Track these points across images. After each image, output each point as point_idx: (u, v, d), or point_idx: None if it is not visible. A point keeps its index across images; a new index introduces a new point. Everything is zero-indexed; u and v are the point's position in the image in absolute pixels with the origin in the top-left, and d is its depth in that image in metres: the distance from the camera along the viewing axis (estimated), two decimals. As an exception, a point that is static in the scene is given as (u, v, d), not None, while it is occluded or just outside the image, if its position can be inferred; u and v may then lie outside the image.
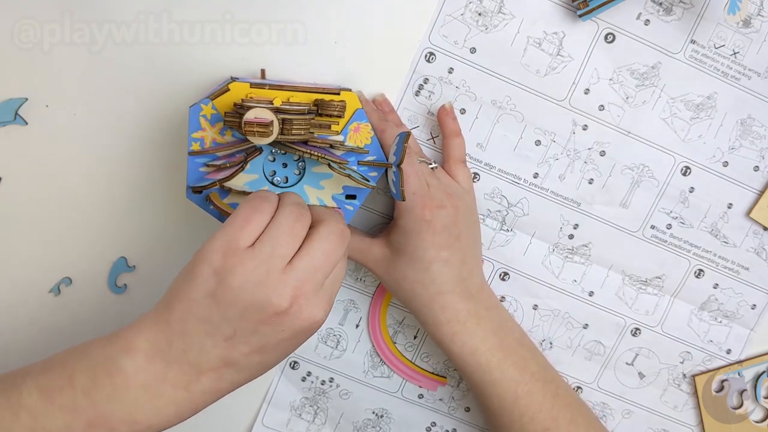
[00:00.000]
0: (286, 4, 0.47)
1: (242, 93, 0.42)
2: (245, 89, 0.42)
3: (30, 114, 0.48)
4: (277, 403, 0.55)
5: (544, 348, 0.55)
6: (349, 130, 0.45)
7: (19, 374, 0.39)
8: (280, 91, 0.43)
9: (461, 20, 0.48)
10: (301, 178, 0.46)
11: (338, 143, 0.44)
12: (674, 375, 0.56)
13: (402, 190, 0.43)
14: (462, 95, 0.49)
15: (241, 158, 0.43)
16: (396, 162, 0.43)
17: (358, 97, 0.44)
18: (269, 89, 0.43)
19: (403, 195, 0.43)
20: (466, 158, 0.50)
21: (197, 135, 0.43)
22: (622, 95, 0.50)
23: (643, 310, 0.54)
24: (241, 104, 0.41)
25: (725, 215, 0.53)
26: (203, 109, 0.43)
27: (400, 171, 0.43)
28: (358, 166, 0.45)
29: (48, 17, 0.46)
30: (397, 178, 0.43)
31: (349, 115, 0.44)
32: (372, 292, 0.53)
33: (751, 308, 0.55)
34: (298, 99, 0.43)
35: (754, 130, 0.51)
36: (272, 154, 0.45)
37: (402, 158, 0.43)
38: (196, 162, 0.44)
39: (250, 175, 0.45)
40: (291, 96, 0.43)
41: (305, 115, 0.42)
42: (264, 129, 0.40)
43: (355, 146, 0.45)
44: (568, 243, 0.53)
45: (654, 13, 0.48)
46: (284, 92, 0.43)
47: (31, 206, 0.50)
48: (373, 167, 0.46)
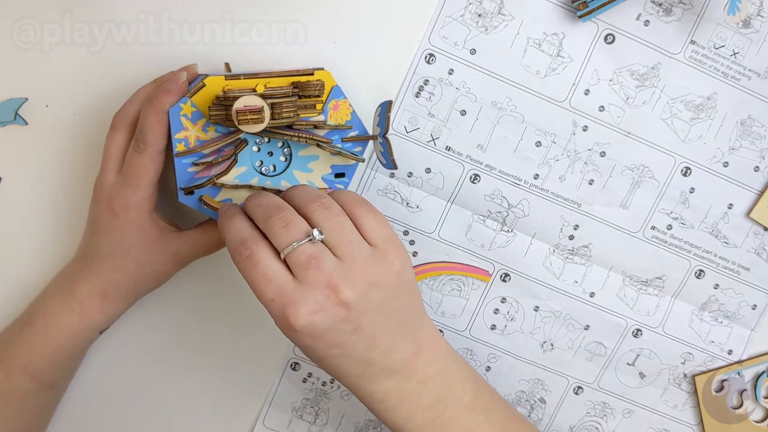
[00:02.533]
0: (286, 4, 0.47)
1: (219, 86, 0.42)
2: (221, 82, 0.42)
3: (30, 114, 0.48)
4: (278, 404, 0.55)
5: (546, 350, 0.55)
6: (329, 109, 0.45)
7: None
8: (255, 80, 0.43)
9: (461, 21, 0.48)
10: (289, 165, 0.46)
11: (320, 123, 0.44)
12: (675, 375, 0.56)
13: (392, 159, 0.43)
14: (462, 96, 0.49)
15: (231, 151, 0.43)
16: (381, 133, 0.43)
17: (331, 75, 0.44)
18: (245, 79, 0.43)
19: (394, 163, 0.43)
20: (467, 160, 0.50)
21: (180, 135, 0.43)
22: (622, 96, 0.50)
23: (644, 311, 0.54)
24: (224, 96, 0.41)
25: (726, 216, 0.53)
26: (183, 108, 0.42)
27: (387, 141, 0.43)
28: (342, 143, 0.45)
29: (48, 17, 0.46)
30: (385, 149, 0.43)
31: (326, 93, 0.44)
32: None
33: (751, 308, 0.55)
34: (276, 84, 0.43)
35: (754, 131, 0.51)
36: (256, 144, 0.45)
37: (387, 128, 0.42)
38: (184, 163, 0.44)
39: (239, 168, 0.45)
40: (267, 82, 0.43)
41: (290, 98, 0.42)
42: (257, 115, 0.40)
43: (337, 124, 0.45)
44: (569, 244, 0.53)
45: (654, 13, 0.48)
46: (260, 79, 0.43)
47: (31, 206, 0.50)
48: (358, 142, 0.46)
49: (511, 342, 0.55)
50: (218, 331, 0.53)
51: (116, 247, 0.45)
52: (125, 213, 0.44)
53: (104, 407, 0.53)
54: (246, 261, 0.36)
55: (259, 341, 0.53)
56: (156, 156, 0.43)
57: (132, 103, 0.45)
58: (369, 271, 0.37)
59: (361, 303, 0.37)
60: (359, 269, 0.37)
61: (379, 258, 0.38)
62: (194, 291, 0.52)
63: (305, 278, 0.36)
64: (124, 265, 0.45)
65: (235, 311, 0.53)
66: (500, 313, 0.54)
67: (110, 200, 0.44)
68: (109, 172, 0.45)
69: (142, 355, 0.53)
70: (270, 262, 0.36)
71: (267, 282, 0.36)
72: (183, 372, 0.54)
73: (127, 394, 0.54)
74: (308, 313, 0.35)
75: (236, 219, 0.39)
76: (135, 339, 0.52)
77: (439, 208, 0.51)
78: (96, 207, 0.45)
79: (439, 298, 0.53)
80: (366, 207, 0.39)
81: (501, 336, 0.54)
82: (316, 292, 0.36)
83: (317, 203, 0.38)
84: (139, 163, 0.43)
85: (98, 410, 0.53)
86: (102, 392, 0.53)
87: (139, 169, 0.43)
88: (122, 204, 0.44)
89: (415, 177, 0.51)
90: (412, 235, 0.52)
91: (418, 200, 0.51)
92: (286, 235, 0.36)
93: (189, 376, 0.54)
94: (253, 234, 0.37)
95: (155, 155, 0.43)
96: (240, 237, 0.37)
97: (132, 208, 0.44)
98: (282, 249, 0.36)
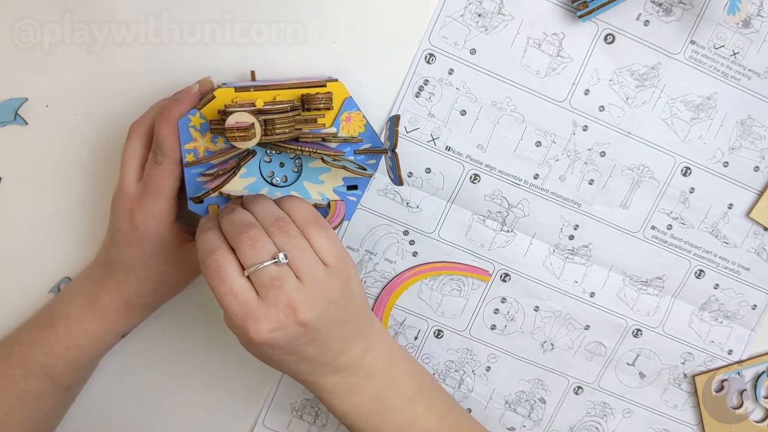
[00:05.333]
0: (286, 4, 0.47)
1: (227, 98, 0.43)
2: (230, 94, 0.43)
3: (30, 114, 0.48)
4: (278, 405, 0.55)
5: (546, 350, 0.55)
6: (341, 121, 0.45)
7: None
8: (265, 92, 0.43)
9: (461, 21, 0.48)
10: (300, 176, 0.46)
11: (331, 135, 0.44)
12: (675, 375, 0.56)
13: (399, 175, 0.43)
14: (462, 96, 0.49)
15: (234, 164, 0.43)
16: (390, 147, 0.43)
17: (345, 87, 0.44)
18: (254, 91, 0.43)
19: (401, 179, 0.43)
20: (467, 160, 0.50)
21: (190, 146, 0.43)
22: (622, 96, 0.50)
23: (644, 311, 0.54)
24: (224, 110, 0.41)
25: (726, 216, 0.53)
26: (191, 119, 0.43)
27: (395, 156, 0.43)
28: (354, 156, 0.45)
29: (48, 17, 0.46)
30: (393, 163, 0.43)
31: (338, 105, 0.44)
32: (375, 294, 0.53)
33: (751, 308, 0.55)
34: (284, 96, 0.43)
35: (754, 131, 0.51)
36: (268, 155, 0.45)
37: (395, 142, 0.42)
38: (192, 173, 0.44)
39: (248, 178, 0.45)
40: (277, 95, 0.43)
41: (287, 113, 0.41)
42: (244, 133, 0.39)
43: (349, 136, 0.45)
44: (569, 244, 0.53)
45: (654, 13, 0.48)
46: (270, 92, 0.43)
47: (31, 206, 0.50)
48: (371, 155, 0.46)
49: (511, 342, 0.55)
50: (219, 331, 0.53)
51: (138, 260, 0.46)
52: (146, 225, 0.44)
53: (105, 406, 0.53)
54: (213, 273, 0.38)
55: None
56: (174, 166, 0.43)
57: (148, 113, 0.46)
58: (326, 290, 0.40)
59: (318, 321, 0.39)
60: (318, 290, 0.39)
61: (333, 277, 0.40)
62: (196, 292, 0.52)
63: (268, 298, 0.38)
64: (146, 276, 0.46)
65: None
66: (500, 313, 0.54)
67: (131, 212, 0.44)
68: (128, 182, 0.45)
69: (144, 356, 0.53)
70: (235, 278, 0.38)
71: (232, 296, 0.38)
72: (183, 372, 0.54)
73: (128, 394, 0.54)
74: (268, 330, 0.38)
75: (210, 232, 0.40)
76: (136, 340, 0.52)
77: (439, 208, 0.51)
78: (117, 217, 0.46)
79: (439, 298, 0.53)
80: (317, 226, 0.41)
81: (501, 336, 0.54)
82: (278, 311, 0.38)
83: (276, 226, 0.40)
84: (159, 174, 0.43)
85: (99, 409, 0.53)
86: (103, 392, 0.53)
87: (159, 180, 0.43)
88: (143, 216, 0.44)
89: (415, 177, 0.51)
90: (412, 235, 0.52)
91: (418, 200, 0.51)
92: (252, 255, 0.38)
93: (189, 375, 0.54)
94: (222, 247, 0.39)
95: (173, 165, 0.43)
96: (210, 248, 0.39)
97: (153, 220, 0.44)
98: (247, 267, 0.38)
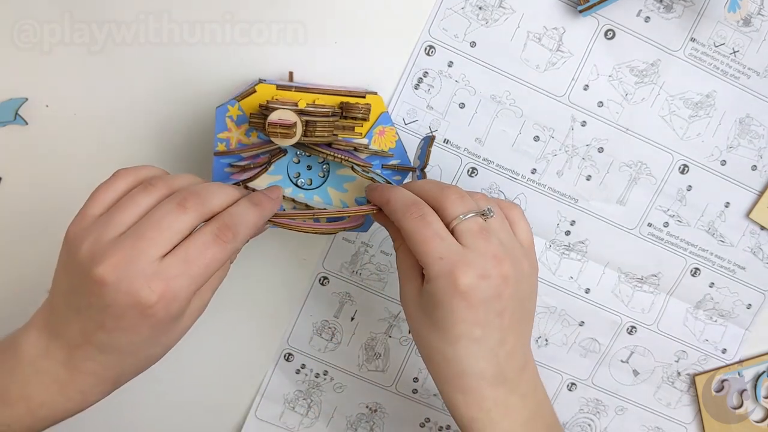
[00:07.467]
0: (286, 4, 0.47)
1: (268, 95, 0.43)
2: (271, 91, 0.43)
3: (30, 114, 0.48)
4: (270, 396, 0.55)
5: (540, 345, 0.55)
6: (374, 134, 0.45)
7: None
8: (306, 94, 0.43)
9: (462, 14, 0.48)
10: (325, 181, 0.46)
11: (362, 146, 0.45)
12: (668, 373, 0.56)
13: None
14: (461, 89, 0.49)
15: (265, 159, 0.43)
16: (420, 166, 0.43)
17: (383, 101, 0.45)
18: (295, 91, 0.43)
19: None
20: (464, 153, 0.50)
21: (223, 135, 0.44)
22: (622, 92, 0.50)
23: (639, 308, 0.54)
24: (266, 105, 0.41)
25: (722, 214, 0.53)
26: (229, 110, 0.43)
27: (423, 175, 0.43)
28: (382, 170, 0.46)
29: (48, 17, 0.46)
30: None
31: (374, 118, 0.45)
32: (368, 285, 0.53)
33: (746, 308, 0.55)
34: (324, 101, 0.44)
35: (753, 129, 0.51)
36: (297, 156, 0.46)
37: (426, 162, 0.43)
38: (222, 162, 0.44)
39: (274, 176, 0.45)
40: (317, 98, 0.43)
41: (329, 118, 0.42)
42: (286, 130, 0.40)
43: (380, 149, 0.46)
44: (565, 239, 0.53)
45: (654, 10, 0.48)
46: (310, 95, 0.43)
47: (31, 206, 0.49)
48: (397, 171, 0.46)
49: (505, 337, 0.55)
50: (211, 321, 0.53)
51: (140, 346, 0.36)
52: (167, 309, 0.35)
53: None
54: (419, 220, 0.37)
55: (253, 332, 0.53)
56: (235, 252, 0.38)
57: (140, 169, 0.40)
58: (521, 262, 0.39)
59: (515, 284, 0.38)
60: (515, 257, 0.38)
61: (526, 255, 0.40)
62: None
63: (476, 246, 0.37)
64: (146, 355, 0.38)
65: (229, 301, 0.52)
66: (495, 307, 0.54)
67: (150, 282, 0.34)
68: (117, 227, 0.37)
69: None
70: (440, 226, 0.38)
71: (440, 240, 0.37)
72: (175, 362, 0.53)
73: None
74: (476, 276, 0.36)
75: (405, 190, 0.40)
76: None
77: (436, 201, 0.51)
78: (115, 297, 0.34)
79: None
80: (520, 211, 0.41)
81: (495, 331, 0.54)
82: (485, 260, 0.37)
83: (479, 195, 0.40)
84: (217, 255, 0.36)
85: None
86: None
87: (212, 262, 0.36)
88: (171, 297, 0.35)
89: (413, 169, 0.50)
90: (409, 227, 0.52)
91: (415, 193, 0.51)
92: (462, 205, 0.38)
93: (181, 366, 0.54)
94: (422, 202, 0.39)
95: (236, 251, 0.38)
96: (411, 199, 0.39)
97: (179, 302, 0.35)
98: (455, 216, 0.38)
